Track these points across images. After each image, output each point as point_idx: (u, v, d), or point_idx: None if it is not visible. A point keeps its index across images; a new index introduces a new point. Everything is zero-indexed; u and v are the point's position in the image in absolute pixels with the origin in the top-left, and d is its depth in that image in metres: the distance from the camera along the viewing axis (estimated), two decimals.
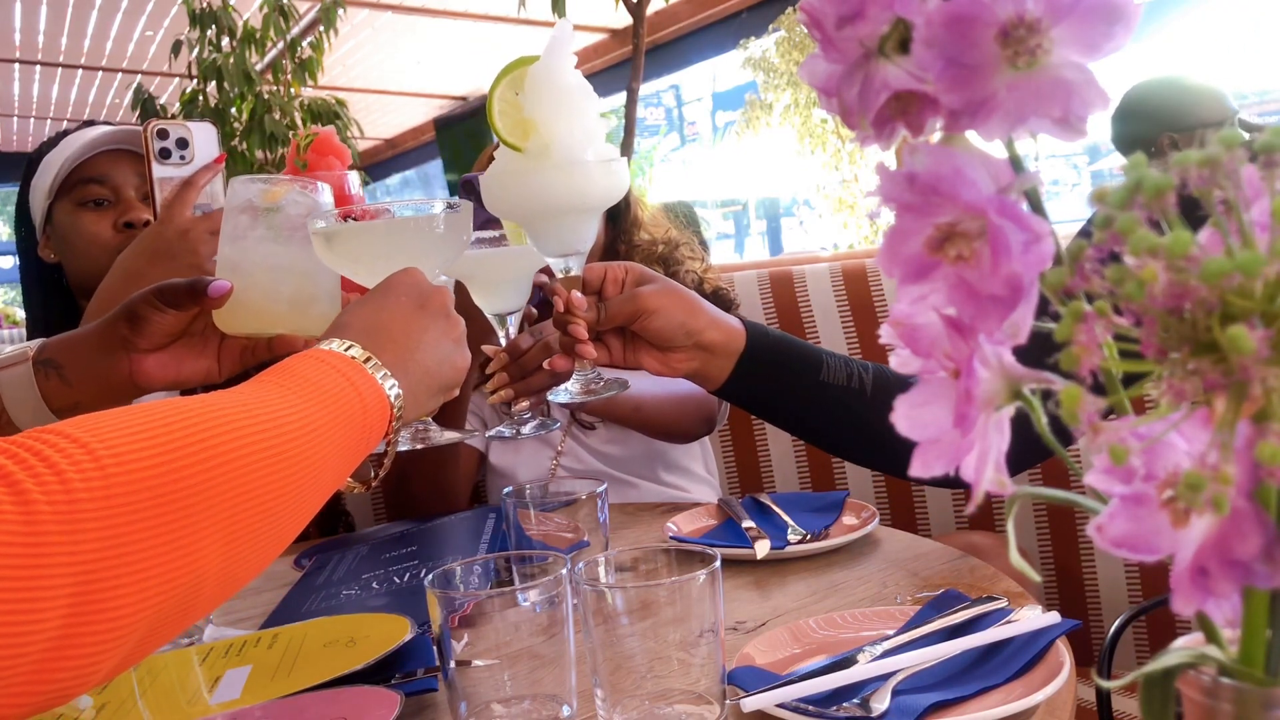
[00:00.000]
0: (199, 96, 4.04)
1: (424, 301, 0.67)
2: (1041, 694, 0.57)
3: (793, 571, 0.88)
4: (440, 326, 0.67)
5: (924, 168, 0.26)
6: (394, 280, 0.68)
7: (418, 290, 0.68)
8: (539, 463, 1.29)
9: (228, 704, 0.66)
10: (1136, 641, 1.25)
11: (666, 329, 0.86)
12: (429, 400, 0.66)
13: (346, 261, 0.76)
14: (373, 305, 0.66)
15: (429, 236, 0.76)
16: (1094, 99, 0.25)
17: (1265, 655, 0.25)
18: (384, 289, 0.68)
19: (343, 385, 0.56)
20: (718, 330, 0.88)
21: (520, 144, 0.77)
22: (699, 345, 0.87)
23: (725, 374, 0.88)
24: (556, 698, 0.60)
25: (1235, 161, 0.24)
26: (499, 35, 4.76)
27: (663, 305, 0.86)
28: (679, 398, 1.21)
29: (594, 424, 1.29)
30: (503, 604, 0.60)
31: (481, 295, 0.96)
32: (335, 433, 0.54)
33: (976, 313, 0.25)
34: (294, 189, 0.78)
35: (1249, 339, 0.22)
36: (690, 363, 0.87)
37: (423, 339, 0.65)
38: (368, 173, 5.84)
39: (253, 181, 0.78)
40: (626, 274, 0.88)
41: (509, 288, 0.95)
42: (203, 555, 0.44)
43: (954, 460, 0.26)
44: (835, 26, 0.27)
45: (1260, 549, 0.23)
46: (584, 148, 0.76)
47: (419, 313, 0.66)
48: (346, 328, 0.62)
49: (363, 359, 0.59)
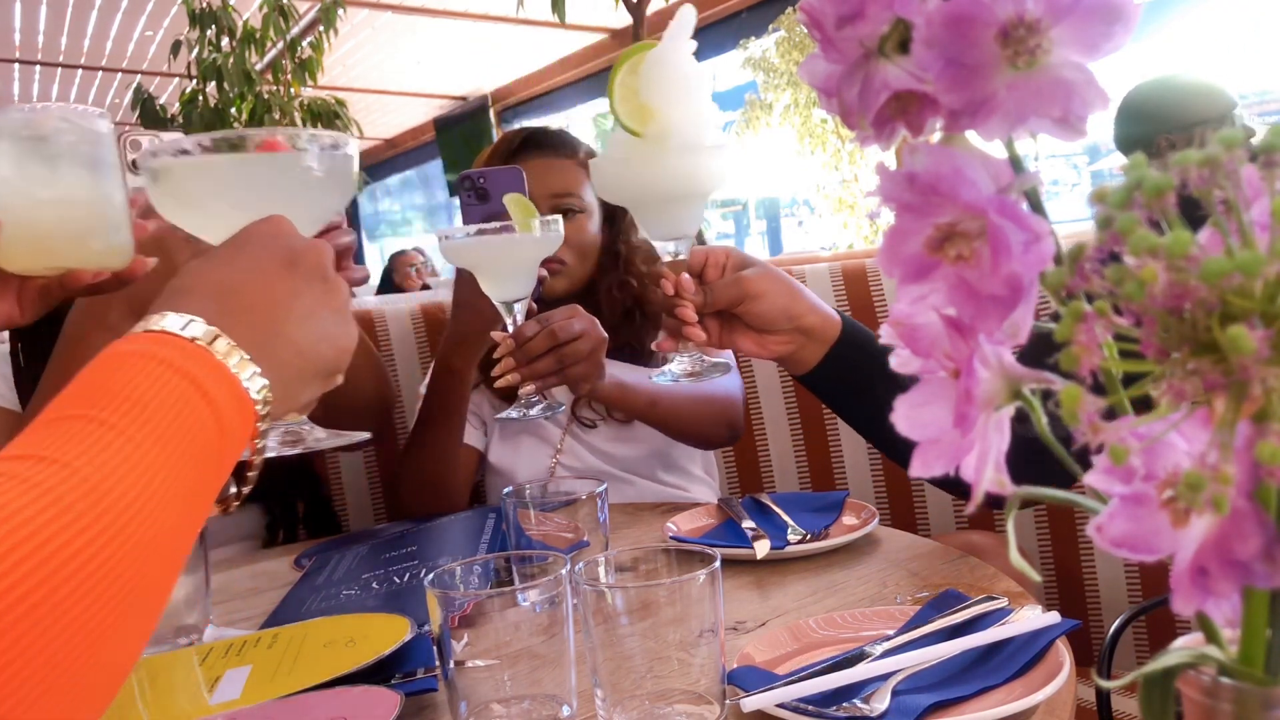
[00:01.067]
0: (199, 96, 4.04)
1: (293, 258, 0.52)
2: (1041, 694, 0.57)
3: (792, 571, 0.88)
4: (316, 292, 0.52)
5: (924, 168, 0.26)
6: (251, 230, 0.53)
7: (285, 244, 0.53)
8: (538, 461, 1.29)
9: (228, 704, 0.66)
10: (1136, 641, 1.25)
11: (769, 313, 0.87)
12: (303, 389, 0.51)
13: (183, 209, 0.63)
14: (222, 262, 0.51)
15: (298, 179, 0.61)
16: (1094, 99, 0.25)
17: (1265, 655, 0.25)
18: (237, 241, 0.53)
19: (184, 393, 0.41)
20: (816, 315, 0.89)
21: (640, 129, 0.77)
22: (798, 329, 0.88)
23: (816, 359, 0.89)
24: (556, 698, 0.60)
25: (1235, 161, 0.24)
26: (499, 35, 4.76)
27: (767, 289, 0.87)
28: (699, 398, 1.20)
29: (594, 422, 1.29)
30: (502, 604, 0.60)
31: (489, 283, 0.98)
32: (181, 475, 0.40)
33: (976, 313, 0.25)
34: (59, 116, 0.67)
35: (1249, 339, 0.22)
36: (787, 346, 0.88)
37: (292, 307, 0.50)
38: (368, 173, 5.85)
39: (16, 111, 0.67)
40: (728, 258, 0.89)
41: (517, 275, 0.97)
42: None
43: (954, 460, 0.26)
44: (835, 26, 0.27)
45: (1260, 549, 0.23)
46: (700, 133, 0.77)
47: (286, 272, 0.51)
48: (187, 293, 0.47)
49: (208, 340, 0.44)
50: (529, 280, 0.98)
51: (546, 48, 5.05)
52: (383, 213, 9.23)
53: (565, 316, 1.02)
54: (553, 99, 5.53)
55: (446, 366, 1.17)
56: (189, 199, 0.62)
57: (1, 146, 0.67)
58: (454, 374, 1.17)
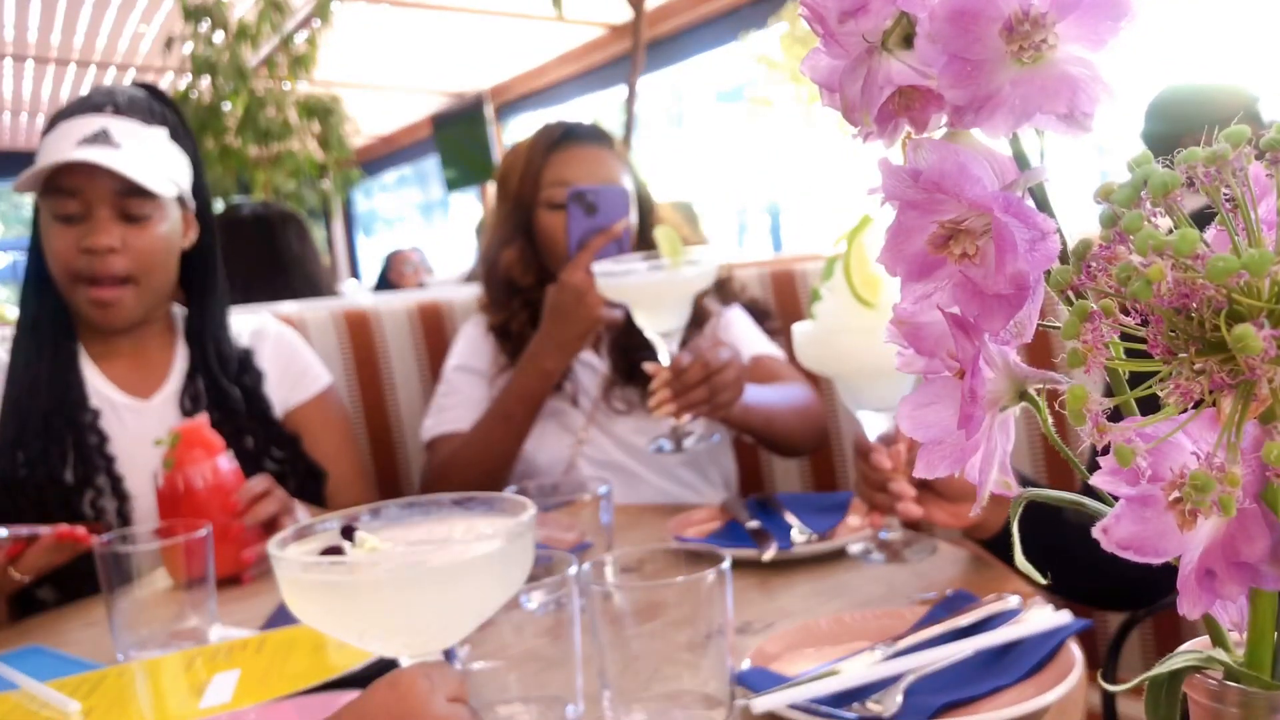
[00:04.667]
0: (192, 92, 4.02)
1: None
2: (1053, 694, 0.56)
3: (799, 572, 0.88)
4: None
5: (928, 164, 0.25)
6: (372, 707, 0.47)
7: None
8: (559, 449, 1.29)
9: (218, 707, 0.66)
10: (1143, 645, 1.25)
11: (966, 485, 0.85)
12: None
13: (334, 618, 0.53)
14: None
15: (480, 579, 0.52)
16: (1099, 94, 0.25)
17: (1272, 658, 0.25)
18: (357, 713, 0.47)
19: None
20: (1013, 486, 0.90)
21: (872, 300, 0.79)
22: (990, 499, 0.87)
23: (1000, 522, 0.86)
24: (562, 699, 0.60)
25: (1242, 159, 0.24)
26: (496, 30, 4.74)
27: None
28: (799, 409, 1.24)
29: (627, 408, 1.30)
30: (508, 605, 0.59)
31: (646, 316, 1.04)
32: None
33: (981, 311, 0.25)
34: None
35: (1256, 338, 0.21)
36: (978, 516, 0.85)
37: None
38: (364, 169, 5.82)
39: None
40: None
41: (676, 309, 1.03)
42: None
43: (959, 461, 0.25)
44: (838, 21, 0.27)
45: (1267, 551, 0.22)
46: None
47: None
48: None
49: None
50: (685, 313, 1.03)
51: (545, 43, 5.03)
52: (378, 209, 9.22)
53: (711, 345, 1.06)
54: (551, 94, 5.51)
55: (539, 367, 1.20)
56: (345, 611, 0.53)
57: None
58: (546, 375, 1.21)
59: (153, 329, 1.22)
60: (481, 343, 1.36)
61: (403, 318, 1.60)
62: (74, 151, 1.07)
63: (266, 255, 1.99)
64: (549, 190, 1.28)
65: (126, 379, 1.19)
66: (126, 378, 1.19)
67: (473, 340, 1.37)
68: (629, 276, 1.01)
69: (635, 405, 1.29)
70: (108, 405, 1.16)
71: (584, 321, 1.16)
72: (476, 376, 1.34)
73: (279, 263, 2.00)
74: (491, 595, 0.52)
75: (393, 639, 0.51)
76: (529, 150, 1.31)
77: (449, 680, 0.49)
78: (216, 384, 1.20)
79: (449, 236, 7.40)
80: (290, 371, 1.29)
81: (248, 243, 1.98)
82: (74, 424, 1.11)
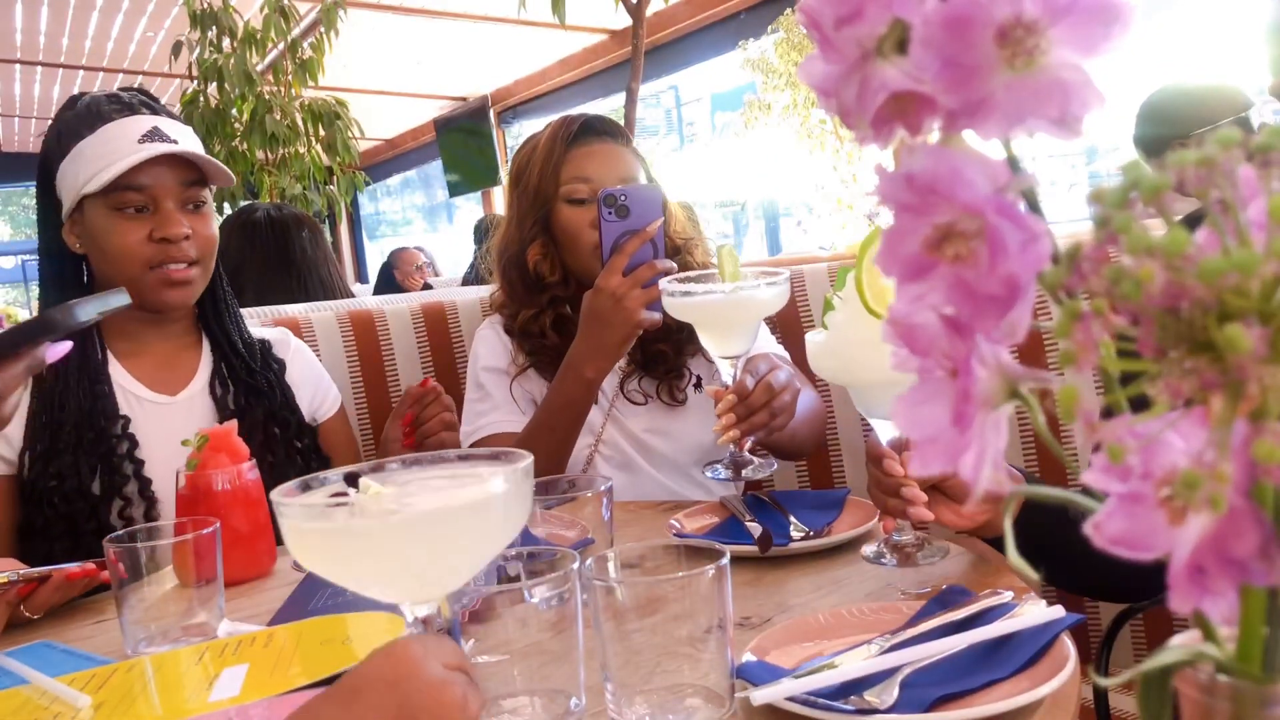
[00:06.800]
0: (200, 97, 4.04)
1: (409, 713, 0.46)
2: (1047, 687, 0.57)
3: (796, 568, 0.89)
4: None
5: (922, 168, 0.26)
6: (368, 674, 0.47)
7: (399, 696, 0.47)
8: (580, 450, 1.28)
9: (227, 701, 0.66)
10: (1134, 639, 1.25)
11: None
12: None
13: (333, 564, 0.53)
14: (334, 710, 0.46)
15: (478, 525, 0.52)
16: (1091, 99, 0.25)
17: (1262, 653, 0.25)
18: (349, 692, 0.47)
19: None
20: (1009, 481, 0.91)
21: (883, 311, 0.79)
22: (995, 498, 0.86)
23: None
24: (565, 692, 0.60)
25: (1232, 161, 0.24)
26: (499, 36, 4.76)
27: None
28: (810, 417, 1.25)
29: (645, 400, 1.29)
30: (511, 600, 0.60)
31: (713, 338, 0.99)
32: None
33: (974, 312, 0.25)
34: None
35: (1245, 338, 0.22)
36: (985, 515, 0.87)
37: None
38: (368, 173, 5.84)
39: None
40: None
41: (745, 332, 0.99)
42: None
43: (952, 459, 0.26)
44: (833, 27, 0.27)
45: (1257, 547, 0.23)
46: None
47: None
48: None
49: None
50: (752, 336, 0.99)
51: (546, 48, 5.04)
52: (383, 212, 9.24)
53: (770, 368, 1.04)
54: (552, 99, 5.53)
55: (580, 376, 1.17)
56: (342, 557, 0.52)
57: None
58: (588, 384, 1.18)
59: (178, 326, 1.25)
60: (498, 343, 1.35)
61: (406, 318, 1.60)
62: (146, 148, 1.12)
63: (280, 257, 1.99)
64: (569, 185, 1.26)
65: (154, 377, 1.21)
66: (154, 376, 1.21)
67: (490, 341, 1.35)
68: (702, 296, 0.95)
69: (651, 397, 1.29)
70: (137, 405, 1.17)
71: (624, 327, 1.13)
72: (506, 377, 1.32)
73: (292, 265, 1.99)
74: (495, 535, 0.52)
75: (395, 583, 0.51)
76: (547, 144, 1.30)
77: (445, 649, 0.49)
78: (246, 367, 1.24)
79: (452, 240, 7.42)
80: (319, 387, 1.33)
81: (261, 244, 1.99)
82: (104, 436, 1.13)
